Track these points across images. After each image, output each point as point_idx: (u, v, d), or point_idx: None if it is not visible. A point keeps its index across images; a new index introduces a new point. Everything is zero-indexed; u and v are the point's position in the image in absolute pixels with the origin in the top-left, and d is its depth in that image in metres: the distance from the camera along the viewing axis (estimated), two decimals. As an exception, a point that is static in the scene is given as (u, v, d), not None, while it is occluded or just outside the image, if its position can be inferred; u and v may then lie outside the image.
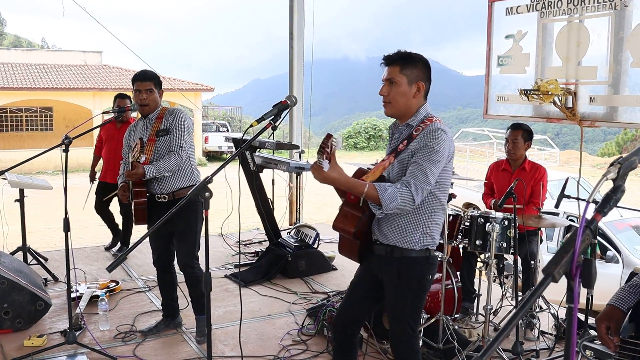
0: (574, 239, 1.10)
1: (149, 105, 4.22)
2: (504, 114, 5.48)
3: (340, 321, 3.08)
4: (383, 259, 2.92)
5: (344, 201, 2.95)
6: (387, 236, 2.88)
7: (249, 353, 4.16)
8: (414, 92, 2.81)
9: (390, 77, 2.80)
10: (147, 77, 4.23)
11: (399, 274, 2.86)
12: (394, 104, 2.83)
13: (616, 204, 1.20)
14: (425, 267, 2.89)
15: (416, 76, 2.81)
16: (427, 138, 2.72)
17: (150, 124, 4.27)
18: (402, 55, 2.82)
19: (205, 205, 2.65)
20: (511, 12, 5.29)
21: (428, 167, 2.67)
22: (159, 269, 4.51)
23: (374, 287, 3.01)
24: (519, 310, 1.07)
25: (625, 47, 4.41)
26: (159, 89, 4.27)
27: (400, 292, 2.88)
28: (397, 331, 2.95)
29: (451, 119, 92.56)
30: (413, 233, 2.82)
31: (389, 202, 2.62)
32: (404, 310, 2.90)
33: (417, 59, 2.83)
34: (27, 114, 26.49)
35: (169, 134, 4.21)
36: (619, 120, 4.54)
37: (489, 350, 1.02)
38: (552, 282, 1.10)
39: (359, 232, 2.89)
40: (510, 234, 4.23)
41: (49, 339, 4.34)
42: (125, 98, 6.27)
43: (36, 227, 10.98)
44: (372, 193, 2.63)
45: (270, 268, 5.91)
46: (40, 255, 6.08)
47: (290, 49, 7.89)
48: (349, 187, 2.68)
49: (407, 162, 2.77)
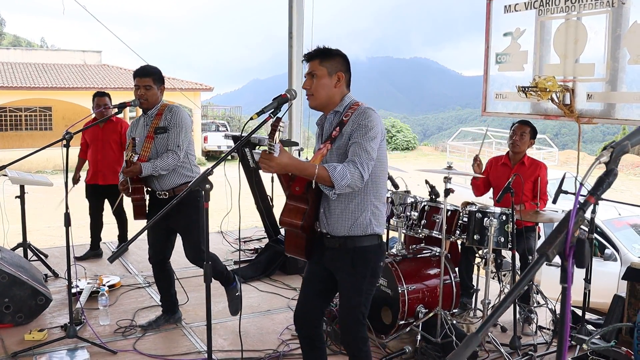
0: (568, 220, 1.13)
1: (148, 101, 4.25)
2: (502, 112, 5.51)
3: (301, 318, 3.12)
4: (336, 252, 2.97)
5: (289, 195, 3.00)
6: (338, 225, 2.92)
7: (248, 347, 4.18)
8: (334, 82, 2.92)
9: (311, 71, 2.90)
10: (145, 72, 4.25)
11: (353, 264, 2.92)
12: (316, 95, 2.92)
13: (609, 187, 1.23)
14: (378, 255, 2.98)
15: (335, 67, 2.92)
16: (360, 118, 2.84)
17: (150, 121, 4.29)
18: (321, 51, 2.93)
19: (206, 198, 2.68)
20: (509, 10, 5.32)
21: (367, 143, 2.78)
22: (154, 265, 4.52)
23: (327, 280, 3.07)
24: (515, 286, 1.10)
25: (622, 44, 4.44)
26: (159, 85, 4.28)
27: (355, 281, 2.94)
28: (350, 320, 2.99)
29: (450, 119, 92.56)
30: (363, 214, 2.90)
31: (340, 179, 2.68)
32: (358, 299, 2.96)
33: (335, 53, 2.96)
34: (26, 114, 26.52)
35: (167, 132, 4.22)
36: (617, 117, 4.56)
37: (486, 325, 1.04)
38: (546, 263, 1.12)
39: (305, 224, 2.93)
40: (508, 229, 4.26)
41: (49, 334, 4.36)
42: (103, 96, 6.20)
43: (36, 226, 10.99)
44: (323, 173, 2.68)
45: (269, 264, 5.94)
46: (40, 252, 6.10)
47: (290, 49, 7.89)
48: (300, 170, 2.72)
49: (344, 146, 2.85)
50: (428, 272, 4.42)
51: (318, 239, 3.05)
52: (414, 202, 4.60)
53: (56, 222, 10.37)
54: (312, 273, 3.12)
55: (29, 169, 18.64)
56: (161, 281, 4.56)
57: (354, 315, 2.97)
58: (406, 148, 35.34)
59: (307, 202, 2.92)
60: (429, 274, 4.41)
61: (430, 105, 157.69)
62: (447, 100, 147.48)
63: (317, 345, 3.15)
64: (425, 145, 40.07)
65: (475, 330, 1.02)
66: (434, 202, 4.52)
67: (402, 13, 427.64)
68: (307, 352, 3.19)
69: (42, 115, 26.88)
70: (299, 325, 3.12)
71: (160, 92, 4.31)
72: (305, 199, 2.93)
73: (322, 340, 3.19)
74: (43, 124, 26.92)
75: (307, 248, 3.02)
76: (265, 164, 2.64)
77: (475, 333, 1.03)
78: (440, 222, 4.36)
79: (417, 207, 4.58)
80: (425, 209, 4.52)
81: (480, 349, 4.07)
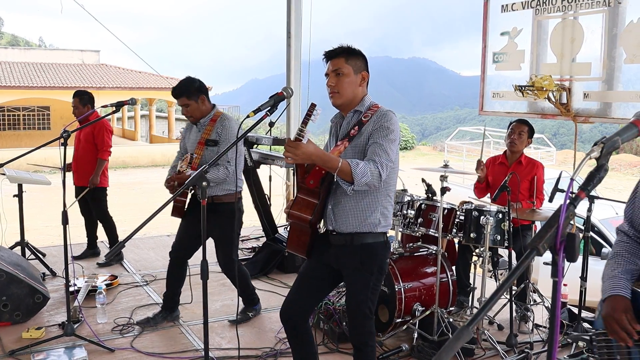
0: (558, 215, 1.14)
1: (193, 117, 4.34)
2: (499, 111, 5.54)
3: (290, 312, 3.10)
4: (342, 249, 2.98)
5: (301, 188, 2.98)
6: (346, 223, 2.93)
7: (245, 345, 4.19)
8: (359, 80, 2.94)
9: (337, 68, 2.90)
10: (177, 93, 4.31)
11: (361, 262, 2.94)
12: (342, 93, 2.92)
13: (600, 182, 1.24)
14: (385, 251, 3.01)
15: (360, 66, 2.95)
16: (382, 120, 2.86)
17: (202, 128, 4.36)
18: (345, 49, 2.94)
19: (202, 195, 2.69)
20: (506, 10, 5.34)
21: (387, 145, 2.80)
22: (172, 260, 4.56)
23: (326, 278, 3.09)
24: (506, 279, 1.11)
25: (618, 43, 4.46)
26: (197, 97, 4.30)
27: (363, 278, 2.96)
28: (359, 316, 3.00)
29: (448, 119, 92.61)
30: (373, 214, 2.92)
31: (361, 176, 2.69)
32: (365, 295, 2.97)
33: (359, 52, 2.98)
34: (24, 113, 26.53)
35: (217, 145, 4.27)
36: (613, 116, 4.59)
37: (477, 318, 1.06)
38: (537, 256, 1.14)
39: (314, 220, 2.94)
40: (505, 227, 4.28)
41: (47, 332, 4.37)
42: (76, 96, 6.02)
43: (34, 225, 10.99)
44: (345, 168, 2.68)
45: (267, 263, 5.96)
46: (38, 251, 6.11)
47: (288, 48, 7.89)
48: (324, 162, 2.70)
49: (362, 145, 2.87)
50: (425, 271, 4.43)
51: (321, 236, 3.06)
52: (411, 200, 4.62)
53: (53, 222, 10.37)
54: (309, 269, 3.12)
55: (27, 168, 18.62)
56: (172, 277, 4.59)
57: (362, 310, 2.98)
58: (404, 148, 35.35)
59: (318, 196, 2.93)
60: (426, 272, 4.43)
61: (429, 105, 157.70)
62: (446, 100, 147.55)
63: (304, 338, 3.15)
64: (423, 145, 40.09)
65: (467, 323, 1.04)
66: (430, 201, 4.54)
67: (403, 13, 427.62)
68: (295, 347, 3.19)
69: (40, 115, 26.89)
70: (285, 317, 3.10)
71: (202, 102, 4.33)
72: (317, 193, 2.93)
73: (310, 334, 3.18)
74: (41, 124, 26.93)
75: (309, 245, 3.02)
76: (290, 152, 2.62)
77: (465, 326, 1.04)
78: (436, 221, 4.38)
79: (414, 205, 4.59)
80: (422, 208, 4.54)
81: (476, 346, 4.09)
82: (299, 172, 2.98)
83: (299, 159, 2.66)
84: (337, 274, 3.09)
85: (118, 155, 21.88)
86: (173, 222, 4.53)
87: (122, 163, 23.13)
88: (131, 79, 26.66)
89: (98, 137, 6.00)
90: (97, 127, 6.01)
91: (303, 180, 2.96)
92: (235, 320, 4.52)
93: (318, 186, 2.91)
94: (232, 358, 4.01)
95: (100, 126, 5.99)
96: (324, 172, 2.89)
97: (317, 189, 2.92)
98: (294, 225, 3.03)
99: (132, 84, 25.78)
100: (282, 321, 3.14)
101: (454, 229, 4.50)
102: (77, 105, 5.97)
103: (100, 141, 6.00)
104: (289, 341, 3.25)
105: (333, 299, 4.46)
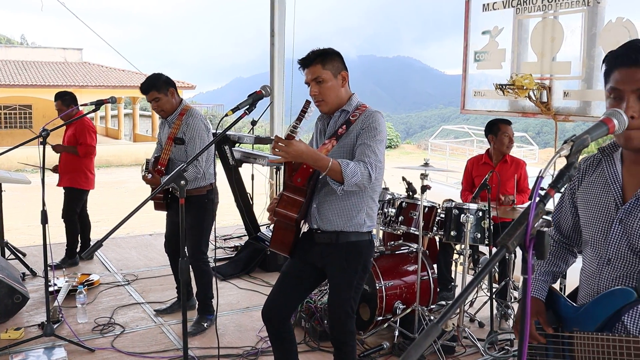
0: (528, 212, 1.15)
1: (164, 111, 4.35)
2: (481, 109, 5.57)
3: (272, 311, 3.07)
4: (327, 247, 2.98)
5: (288, 185, 2.96)
6: (332, 221, 2.93)
7: (227, 344, 4.19)
8: (340, 82, 2.93)
9: (316, 76, 2.88)
10: (145, 88, 4.29)
11: (346, 260, 2.94)
12: (327, 100, 2.91)
13: (569, 180, 1.25)
14: (369, 250, 3.02)
15: (338, 67, 2.92)
16: (369, 120, 2.86)
17: (171, 124, 4.39)
18: (319, 53, 2.91)
19: (181, 194, 2.68)
20: (487, 9, 5.37)
21: (376, 146, 2.81)
22: (169, 255, 4.70)
23: (309, 277, 3.09)
24: (476, 276, 1.11)
25: (598, 42, 4.50)
26: (166, 91, 4.30)
27: (347, 276, 2.96)
28: (340, 314, 3.00)
29: (433, 118, 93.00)
30: (358, 215, 2.93)
31: (351, 176, 2.68)
32: (349, 294, 2.98)
33: (332, 52, 2.94)
34: (5, 111, 26.23)
35: (184, 144, 4.29)
36: (592, 115, 4.62)
37: (446, 315, 1.06)
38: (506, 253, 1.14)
39: (299, 218, 2.94)
40: (485, 225, 4.30)
41: (26, 332, 4.33)
42: (58, 99, 5.95)
43: (14, 225, 10.88)
44: (336, 167, 2.67)
45: (249, 262, 5.94)
46: (18, 251, 6.04)
47: (272, 47, 7.85)
48: (315, 160, 2.69)
49: (350, 144, 2.87)
50: (406, 269, 4.44)
51: (305, 235, 3.06)
52: (392, 198, 4.63)
53: (34, 221, 10.27)
54: (291, 267, 3.11)
55: (9, 167, 18.43)
56: (176, 271, 4.67)
57: (344, 309, 2.99)
58: (389, 146, 35.44)
59: (304, 195, 2.92)
60: (407, 270, 4.44)
61: (413, 103, 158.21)
62: (430, 98, 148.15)
63: (286, 337, 3.14)
64: (407, 144, 40.25)
65: (435, 321, 1.04)
66: (411, 199, 4.55)
67: (393, 11, 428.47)
68: (276, 346, 3.17)
69: (21, 113, 26.60)
70: (267, 316, 3.08)
71: (172, 95, 4.34)
72: (304, 191, 2.92)
73: (291, 332, 3.17)
74: (23, 122, 26.63)
75: (293, 243, 3.01)
76: (282, 149, 2.60)
77: (435, 323, 1.04)
78: (417, 219, 4.39)
79: (395, 203, 4.60)
80: (403, 206, 4.55)
81: (457, 344, 4.11)
82: (286, 170, 2.97)
83: (290, 157, 2.66)
84: (319, 272, 3.08)
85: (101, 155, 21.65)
86: (155, 221, 4.53)
87: (105, 162, 22.95)
88: (114, 77, 26.45)
89: (81, 138, 5.94)
90: (78, 127, 5.95)
91: (290, 178, 2.95)
92: (189, 333, 4.22)
93: (305, 184, 2.90)
94: (212, 357, 3.99)
95: (81, 127, 5.94)
96: (311, 171, 2.88)
97: (304, 187, 2.91)
98: (279, 223, 3.02)
99: (115, 82, 25.57)
100: (264, 320, 3.12)
101: (435, 227, 4.51)
102: (61, 107, 5.89)
103: (83, 141, 5.93)
104: (270, 340, 3.24)
105: (315, 297, 4.46)
